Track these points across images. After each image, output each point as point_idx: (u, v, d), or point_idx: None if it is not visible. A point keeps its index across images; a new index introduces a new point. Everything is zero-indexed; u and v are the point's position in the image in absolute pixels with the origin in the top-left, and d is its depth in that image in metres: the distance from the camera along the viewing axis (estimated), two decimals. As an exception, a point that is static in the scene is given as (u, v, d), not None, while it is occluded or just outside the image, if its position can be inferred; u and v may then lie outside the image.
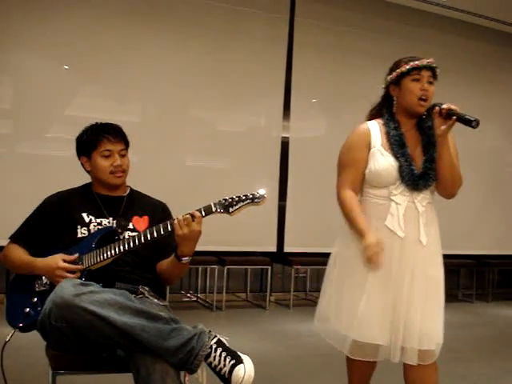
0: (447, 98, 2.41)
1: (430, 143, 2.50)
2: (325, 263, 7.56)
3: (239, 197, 2.34)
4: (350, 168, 2.53)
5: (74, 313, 2.02)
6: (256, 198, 2.33)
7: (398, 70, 2.52)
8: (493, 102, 7.89)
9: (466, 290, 7.80)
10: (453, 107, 2.37)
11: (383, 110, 2.61)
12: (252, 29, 6.65)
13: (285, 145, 6.89)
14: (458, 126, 2.39)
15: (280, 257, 6.82)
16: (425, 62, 2.48)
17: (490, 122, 7.93)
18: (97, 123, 2.63)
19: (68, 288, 2.06)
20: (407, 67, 2.49)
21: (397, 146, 2.48)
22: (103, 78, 6.02)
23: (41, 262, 2.39)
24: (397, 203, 2.45)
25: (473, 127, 2.31)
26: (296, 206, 6.87)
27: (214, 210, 2.31)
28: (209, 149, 6.52)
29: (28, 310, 2.35)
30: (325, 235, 6.96)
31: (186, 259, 2.36)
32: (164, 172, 6.11)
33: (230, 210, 2.32)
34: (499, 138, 8.06)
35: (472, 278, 7.75)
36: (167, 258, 2.49)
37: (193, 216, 2.27)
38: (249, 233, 6.21)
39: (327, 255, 7.52)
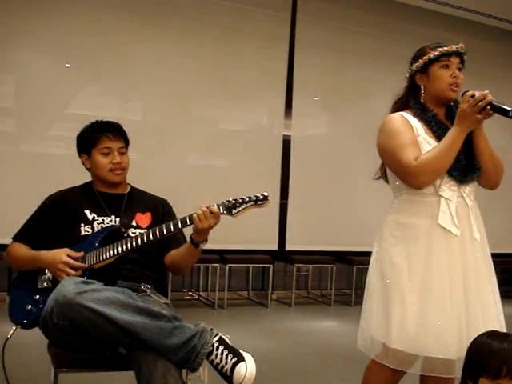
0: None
1: None
2: (326, 261, 7.53)
3: (243, 198, 2.33)
4: (412, 147, 2.22)
5: (75, 311, 2.02)
6: (259, 201, 2.32)
7: (425, 58, 2.33)
8: (497, 100, 7.87)
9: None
10: (489, 98, 2.19)
11: (410, 101, 2.39)
12: (254, 27, 6.65)
13: (286, 143, 6.88)
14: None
15: (282, 255, 6.82)
16: (454, 47, 2.32)
17: (495, 121, 7.89)
18: (97, 121, 2.64)
19: (70, 286, 2.07)
20: (435, 53, 2.31)
21: (442, 133, 2.24)
22: (105, 77, 6.02)
23: (46, 254, 2.40)
24: (446, 199, 2.23)
25: (510, 117, 2.16)
26: (297, 204, 6.87)
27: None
28: (211, 147, 6.52)
29: (30, 306, 2.36)
30: (326, 233, 7.04)
31: (203, 244, 2.39)
32: (166, 170, 6.11)
33: (233, 211, 2.31)
34: (503, 136, 8.04)
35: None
36: (175, 249, 2.53)
37: (211, 211, 2.29)
38: (250, 231, 6.22)
39: (329, 253, 7.50)
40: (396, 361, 2.23)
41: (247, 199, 2.32)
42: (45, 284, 2.40)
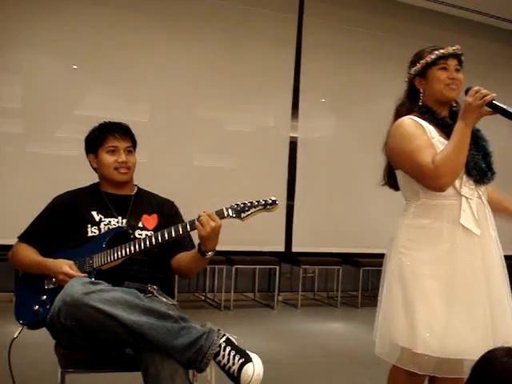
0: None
1: (479, 138, 2.33)
2: (333, 263, 7.53)
3: (251, 202, 2.32)
4: (429, 149, 2.22)
5: (83, 311, 2.02)
6: (268, 205, 2.32)
7: (423, 61, 2.36)
8: (502, 101, 7.86)
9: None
10: (494, 94, 2.20)
11: (413, 105, 2.41)
12: (261, 28, 6.65)
13: (293, 145, 6.88)
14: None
15: (288, 256, 6.81)
16: (450, 49, 2.36)
17: (502, 122, 7.86)
18: (105, 122, 2.66)
19: (77, 286, 2.07)
20: (432, 57, 2.34)
21: None
22: (112, 78, 6.03)
23: (50, 263, 2.40)
24: (467, 198, 2.24)
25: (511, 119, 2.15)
26: (304, 205, 6.86)
27: (225, 214, 2.31)
28: (217, 148, 6.52)
29: (37, 307, 2.36)
30: (333, 235, 7.03)
31: (210, 254, 2.37)
32: (172, 172, 6.12)
33: (242, 215, 2.31)
34: (511, 137, 8.01)
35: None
36: (182, 252, 2.52)
37: (209, 216, 2.27)
38: (257, 232, 6.20)
39: (335, 255, 7.51)
40: (421, 365, 2.21)
41: (256, 203, 2.32)
42: (51, 285, 2.40)
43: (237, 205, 2.33)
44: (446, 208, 2.25)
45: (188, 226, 2.33)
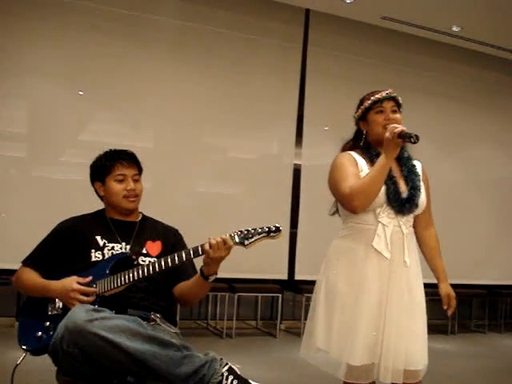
0: (458, 125, 2.41)
1: (411, 172, 2.58)
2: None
3: (255, 229, 2.34)
4: (351, 177, 2.50)
5: (85, 338, 2.02)
6: (272, 232, 2.34)
7: (362, 106, 2.64)
8: (504, 130, 7.90)
9: (478, 321, 7.73)
10: (403, 127, 2.37)
11: (357, 144, 2.68)
12: (265, 57, 6.71)
13: (297, 172, 6.90)
14: (473, 155, 2.34)
15: (291, 284, 6.79)
16: (384, 93, 2.60)
17: (502, 150, 7.91)
18: (110, 150, 2.67)
19: (80, 313, 2.06)
20: (369, 102, 2.62)
21: None
22: (117, 104, 6.08)
23: (55, 284, 2.40)
24: (383, 225, 2.48)
25: (412, 142, 2.32)
26: (307, 233, 6.85)
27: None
28: (221, 175, 6.54)
29: (40, 333, 2.36)
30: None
31: (212, 277, 2.40)
32: (176, 198, 6.13)
33: (246, 242, 2.32)
34: (511, 165, 8.03)
35: (484, 309, 7.68)
36: (184, 280, 2.53)
37: (224, 241, 2.30)
38: (260, 260, 6.19)
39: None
40: (355, 376, 2.44)
41: (260, 230, 2.33)
42: (55, 311, 2.40)
43: (240, 231, 2.34)
44: (365, 232, 2.52)
45: (192, 253, 2.34)
